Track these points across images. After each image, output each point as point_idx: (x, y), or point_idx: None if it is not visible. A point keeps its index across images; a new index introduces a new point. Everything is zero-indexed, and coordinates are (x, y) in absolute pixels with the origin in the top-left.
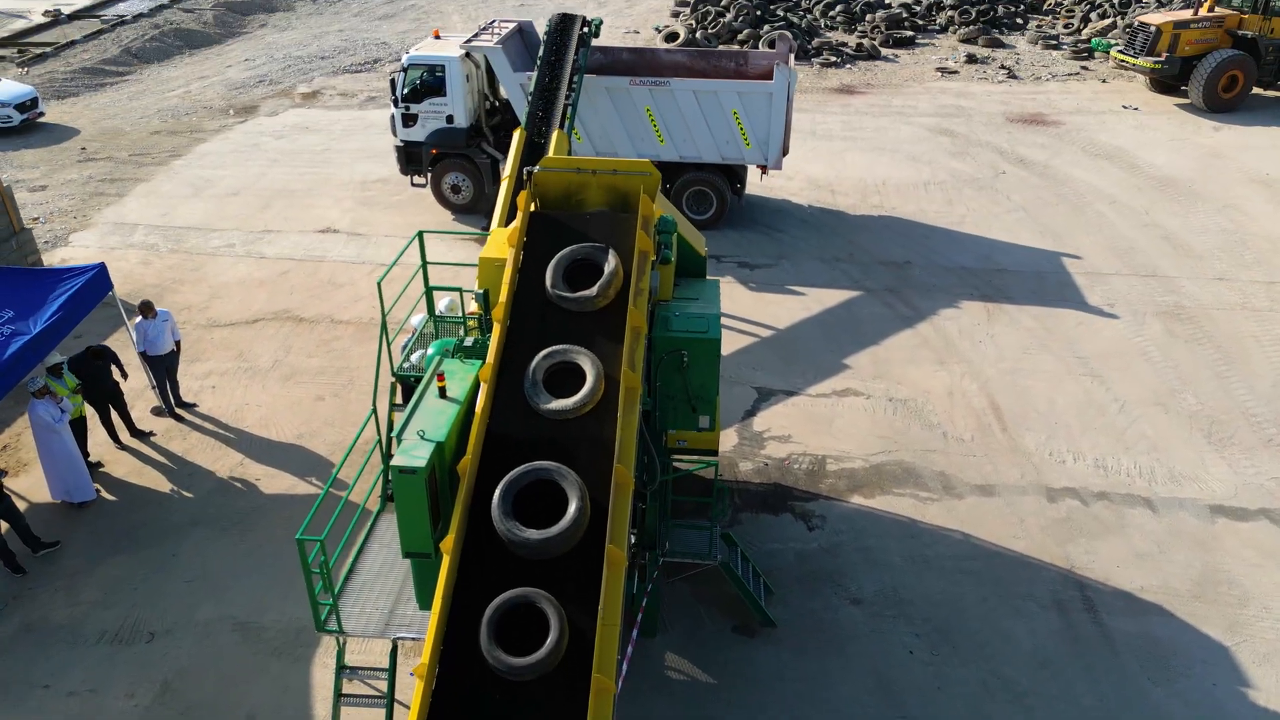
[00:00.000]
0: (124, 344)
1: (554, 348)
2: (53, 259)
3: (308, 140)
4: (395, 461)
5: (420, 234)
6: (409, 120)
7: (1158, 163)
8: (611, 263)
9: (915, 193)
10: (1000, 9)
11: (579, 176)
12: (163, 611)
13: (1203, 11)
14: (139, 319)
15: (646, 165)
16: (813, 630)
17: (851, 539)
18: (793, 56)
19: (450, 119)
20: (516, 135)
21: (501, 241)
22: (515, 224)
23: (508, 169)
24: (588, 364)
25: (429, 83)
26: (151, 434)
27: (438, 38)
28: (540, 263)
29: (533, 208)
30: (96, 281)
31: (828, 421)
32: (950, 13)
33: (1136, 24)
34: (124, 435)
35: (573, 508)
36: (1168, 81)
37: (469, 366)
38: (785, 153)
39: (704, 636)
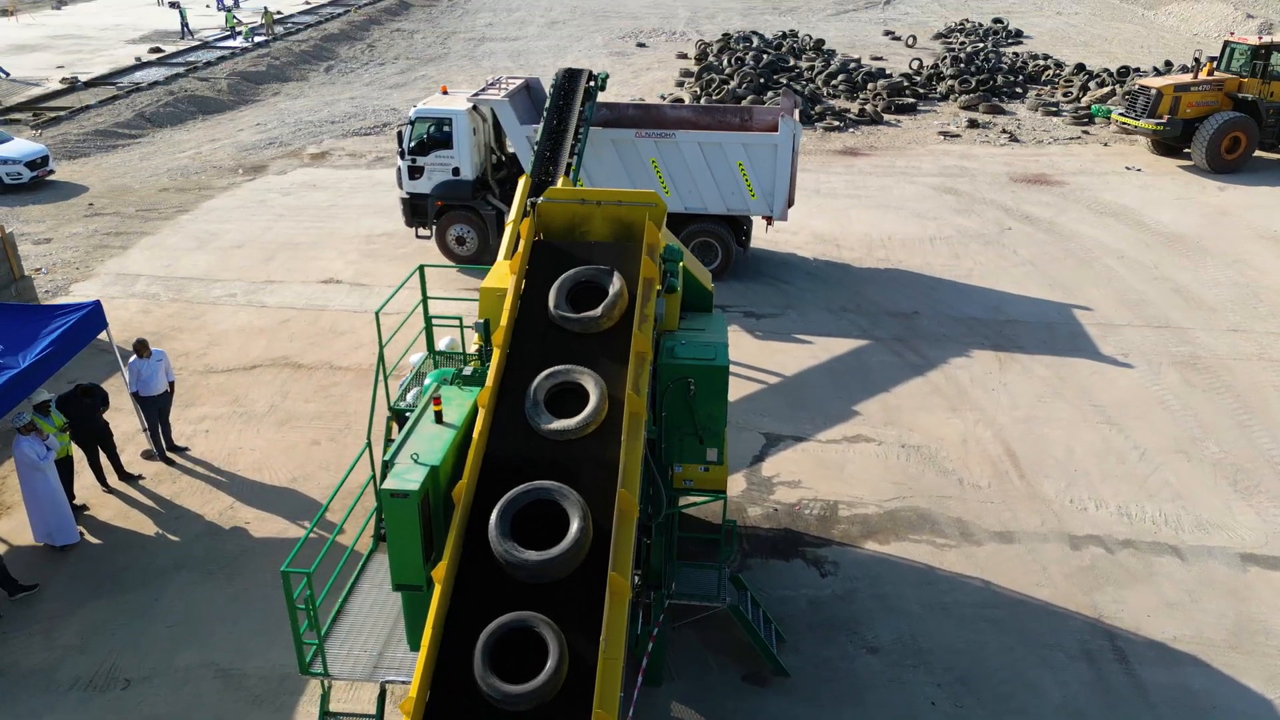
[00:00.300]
0: (118, 388)
1: (556, 368)
2: None
3: (314, 197)
4: (386, 485)
5: (421, 268)
6: (415, 173)
7: (1164, 220)
8: (616, 284)
9: (921, 247)
10: (999, 79)
11: (583, 208)
12: (141, 657)
13: (1202, 75)
14: (133, 358)
15: (652, 196)
16: (828, 680)
17: (867, 585)
18: (797, 111)
19: (456, 171)
20: (522, 181)
21: (503, 272)
22: (518, 252)
23: (513, 214)
24: (591, 384)
25: (436, 136)
26: (140, 477)
27: (445, 93)
28: (542, 289)
29: (537, 238)
30: (90, 319)
31: (839, 467)
32: (950, 82)
33: (1137, 87)
34: (112, 478)
35: (574, 528)
36: (1170, 144)
37: (467, 393)
38: (790, 204)
39: (712, 685)
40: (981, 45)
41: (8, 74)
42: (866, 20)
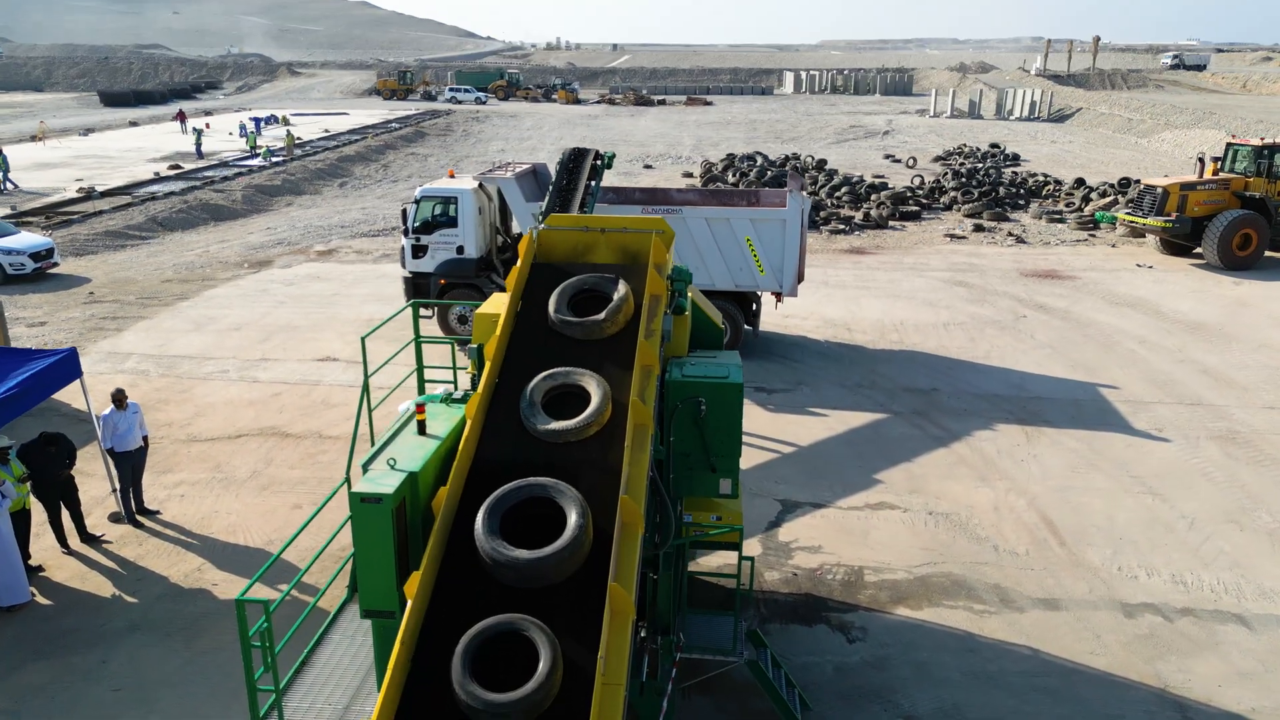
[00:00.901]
0: (91, 455)
1: (556, 370)
2: None
3: (317, 286)
4: (357, 488)
5: (415, 303)
6: (419, 251)
7: (1183, 309)
8: (621, 289)
9: (935, 332)
10: (1001, 191)
11: (587, 236)
12: None
13: (1207, 174)
14: (107, 410)
15: (660, 222)
16: None
17: (900, 652)
18: (805, 193)
19: (460, 250)
20: (525, 238)
21: (500, 299)
22: (515, 270)
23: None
24: (593, 385)
25: (441, 215)
26: (104, 538)
27: (452, 177)
28: (541, 306)
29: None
30: (65, 365)
31: (862, 534)
32: (953, 193)
33: (1143, 187)
34: (73, 539)
35: (572, 523)
36: (1179, 242)
37: (455, 409)
38: (800, 279)
39: None
40: (981, 165)
41: (16, 185)
42: (866, 147)
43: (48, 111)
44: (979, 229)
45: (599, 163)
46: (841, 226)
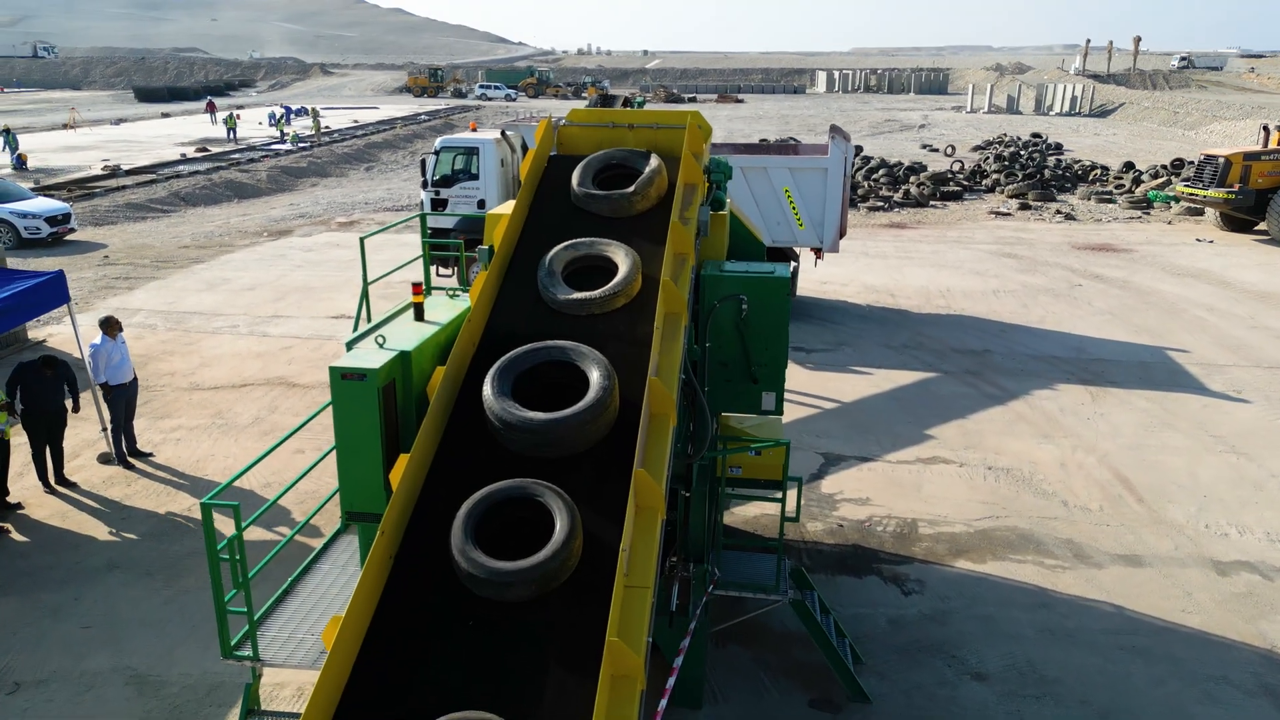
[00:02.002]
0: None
1: (579, 240)
2: (38, 334)
3: (336, 253)
4: (338, 362)
5: (423, 215)
6: (439, 205)
7: (1250, 280)
8: (654, 162)
9: (984, 298)
10: (1046, 173)
11: (613, 132)
12: (42, 659)
13: (1272, 144)
14: (98, 340)
15: (696, 115)
16: (923, 708)
17: (963, 606)
18: (849, 141)
19: (482, 204)
20: (543, 124)
21: (513, 203)
22: (527, 158)
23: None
24: (621, 255)
25: (462, 167)
26: (73, 485)
27: (474, 130)
28: (561, 194)
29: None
30: (51, 288)
31: (914, 487)
32: (996, 176)
33: (1204, 157)
34: (51, 477)
35: (595, 380)
36: (1241, 216)
37: (458, 300)
38: (842, 234)
39: (770, 711)
40: (1023, 152)
41: (23, 163)
42: (902, 138)
43: (84, 106)
44: (1025, 207)
45: (629, 108)
46: (880, 204)
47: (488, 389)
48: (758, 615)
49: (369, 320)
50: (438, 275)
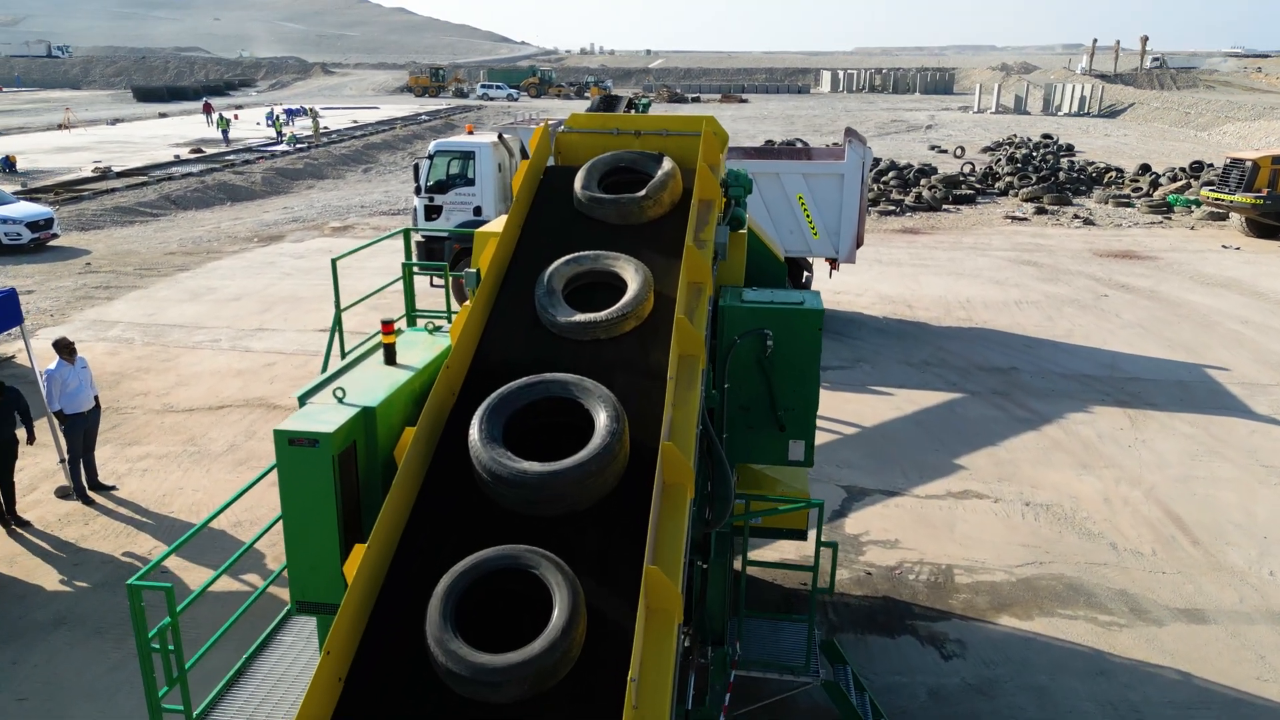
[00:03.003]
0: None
1: (582, 253)
2: (9, 349)
3: (327, 260)
4: (285, 424)
5: (407, 231)
6: (432, 212)
7: None
8: (667, 165)
9: (1007, 309)
10: (1061, 176)
11: (617, 139)
12: None
13: None
14: (53, 365)
15: (711, 120)
16: None
17: (1012, 673)
18: (867, 145)
19: (478, 211)
20: (538, 131)
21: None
22: (521, 170)
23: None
24: (630, 271)
25: (457, 172)
26: (25, 524)
27: (471, 133)
28: (561, 204)
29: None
30: (1, 308)
31: (946, 526)
32: (1009, 179)
33: (1230, 160)
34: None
35: (602, 424)
36: (1268, 222)
37: (440, 340)
38: (859, 244)
39: None
40: (1036, 154)
41: (12, 166)
42: (909, 139)
43: (82, 106)
44: (1041, 212)
45: (632, 112)
46: (891, 208)
47: (474, 433)
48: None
49: (342, 355)
50: (431, 285)
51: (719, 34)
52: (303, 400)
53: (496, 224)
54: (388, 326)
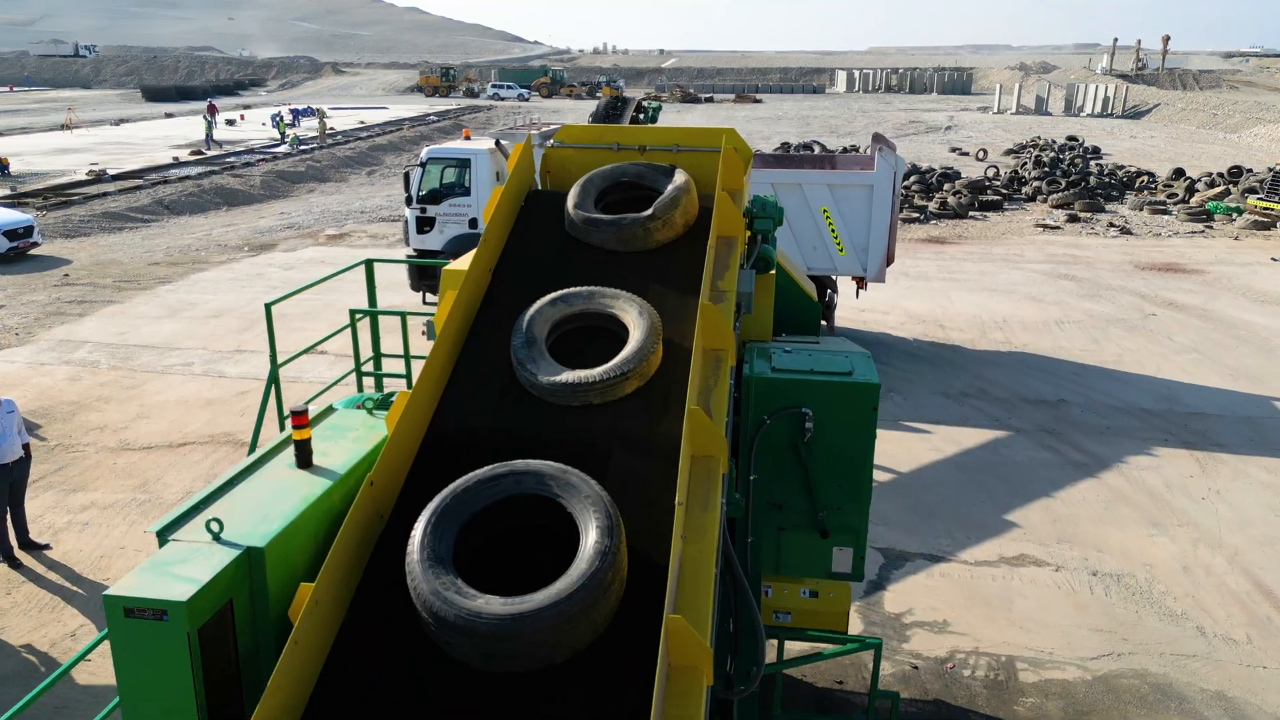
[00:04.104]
0: None
1: (573, 290)
2: None
3: (318, 271)
4: (119, 586)
5: (369, 262)
6: (424, 225)
7: None
8: (680, 179)
9: (1048, 330)
10: (1091, 180)
11: (617, 156)
12: None
13: None
14: None
15: (731, 133)
16: None
17: None
18: (897, 154)
19: (474, 223)
20: (517, 149)
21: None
22: (495, 195)
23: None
24: (634, 314)
25: (451, 181)
26: None
27: (468, 138)
28: (545, 235)
29: (541, 186)
30: None
31: (1003, 603)
32: (1037, 183)
33: (1279, 167)
34: None
35: (590, 544)
36: None
37: (376, 421)
38: (890, 261)
39: None
40: (1063, 156)
41: (4, 169)
42: (929, 141)
43: (89, 106)
44: (1073, 219)
45: (641, 115)
46: (915, 215)
47: (416, 552)
48: None
49: (280, 417)
50: (424, 303)
51: (732, 33)
52: (162, 537)
53: (464, 260)
54: (299, 418)
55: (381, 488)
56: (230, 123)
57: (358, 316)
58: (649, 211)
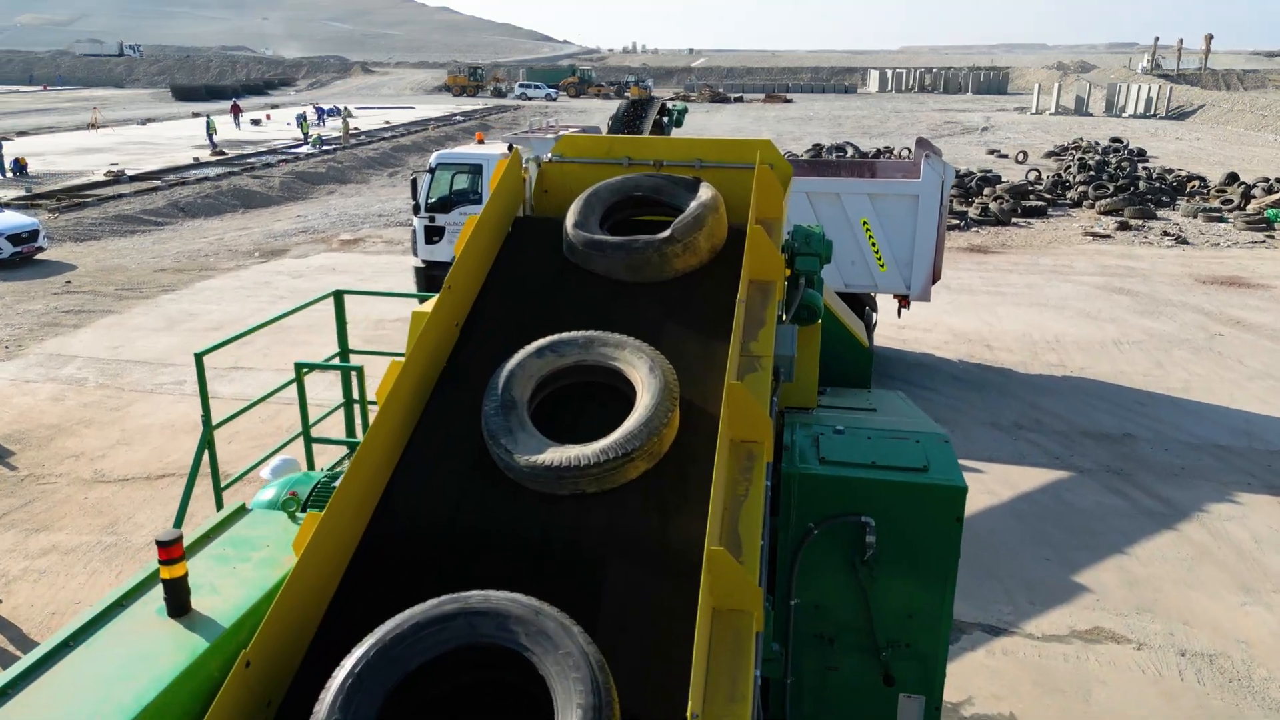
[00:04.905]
0: None
1: (565, 337)
2: None
3: (328, 279)
4: None
5: (338, 293)
6: (433, 234)
7: None
8: (705, 194)
9: (1105, 352)
10: (1140, 185)
11: (627, 172)
12: None
13: None
14: None
15: (766, 144)
16: None
17: None
18: (945, 161)
19: None
20: (501, 166)
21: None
22: (471, 222)
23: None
24: (644, 370)
25: (463, 188)
26: None
27: (481, 142)
28: (534, 274)
29: (525, 211)
30: None
31: (1079, 690)
32: (1083, 188)
33: None
34: None
35: None
36: None
37: (290, 535)
38: (937, 278)
39: None
40: (1109, 159)
41: (23, 170)
42: (965, 142)
43: (120, 105)
44: (1124, 227)
45: (665, 118)
46: (956, 222)
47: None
48: None
49: (217, 491)
50: None
51: (762, 33)
52: None
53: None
54: (167, 550)
55: (266, 662)
56: (255, 122)
57: (304, 371)
58: (667, 233)
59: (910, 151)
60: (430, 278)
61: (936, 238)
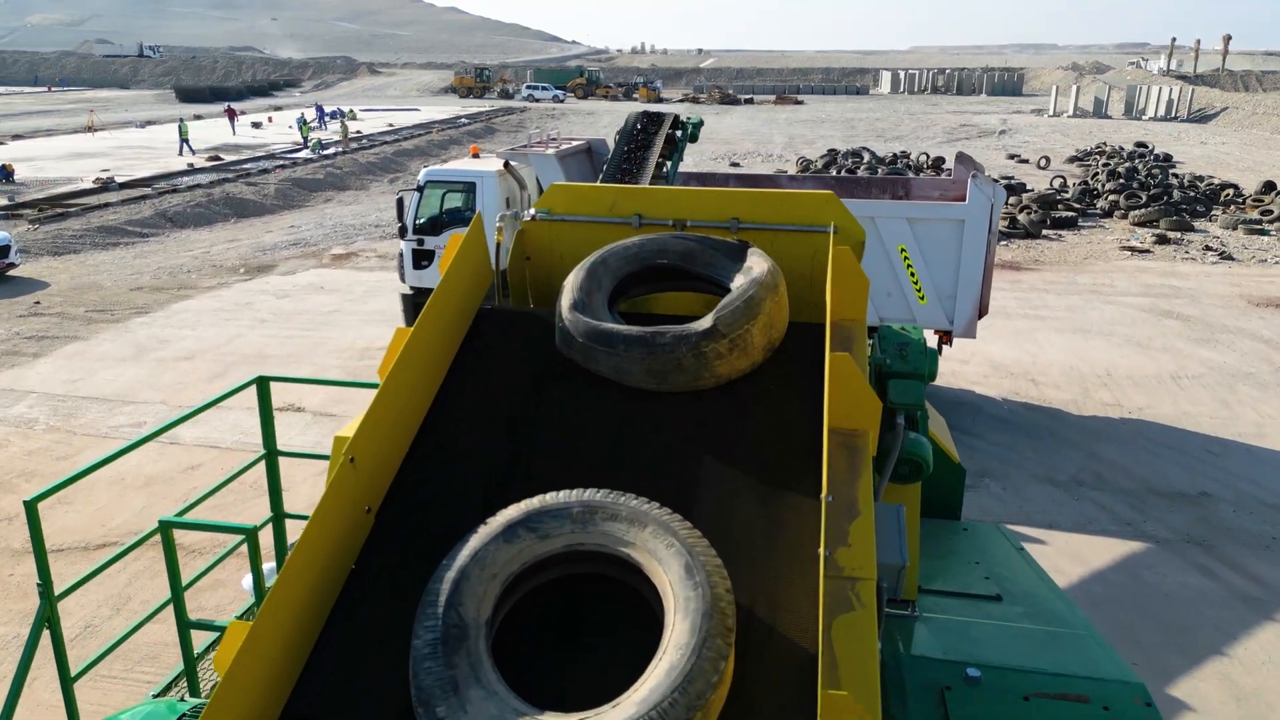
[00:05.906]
0: None
1: (549, 501)
2: None
3: (315, 300)
4: None
5: (263, 380)
6: (422, 259)
7: None
8: (759, 268)
9: (1164, 388)
10: (1175, 194)
11: (636, 234)
12: None
13: None
14: None
15: (830, 197)
16: None
17: None
18: (994, 180)
19: None
20: (453, 241)
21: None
22: (396, 339)
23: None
24: (676, 571)
25: (454, 208)
26: None
27: (476, 155)
28: (509, 371)
29: (497, 285)
30: None
31: None
32: (1114, 197)
33: None
34: None
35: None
36: None
37: None
38: (983, 313)
39: None
40: (1138, 166)
41: (9, 175)
42: (982, 146)
43: (123, 107)
44: (1162, 241)
45: (678, 132)
46: None
47: None
48: None
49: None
50: None
51: (772, 33)
52: None
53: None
54: None
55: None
56: (256, 125)
57: (170, 528)
58: (707, 322)
59: (929, 157)
60: (417, 306)
61: (985, 267)
